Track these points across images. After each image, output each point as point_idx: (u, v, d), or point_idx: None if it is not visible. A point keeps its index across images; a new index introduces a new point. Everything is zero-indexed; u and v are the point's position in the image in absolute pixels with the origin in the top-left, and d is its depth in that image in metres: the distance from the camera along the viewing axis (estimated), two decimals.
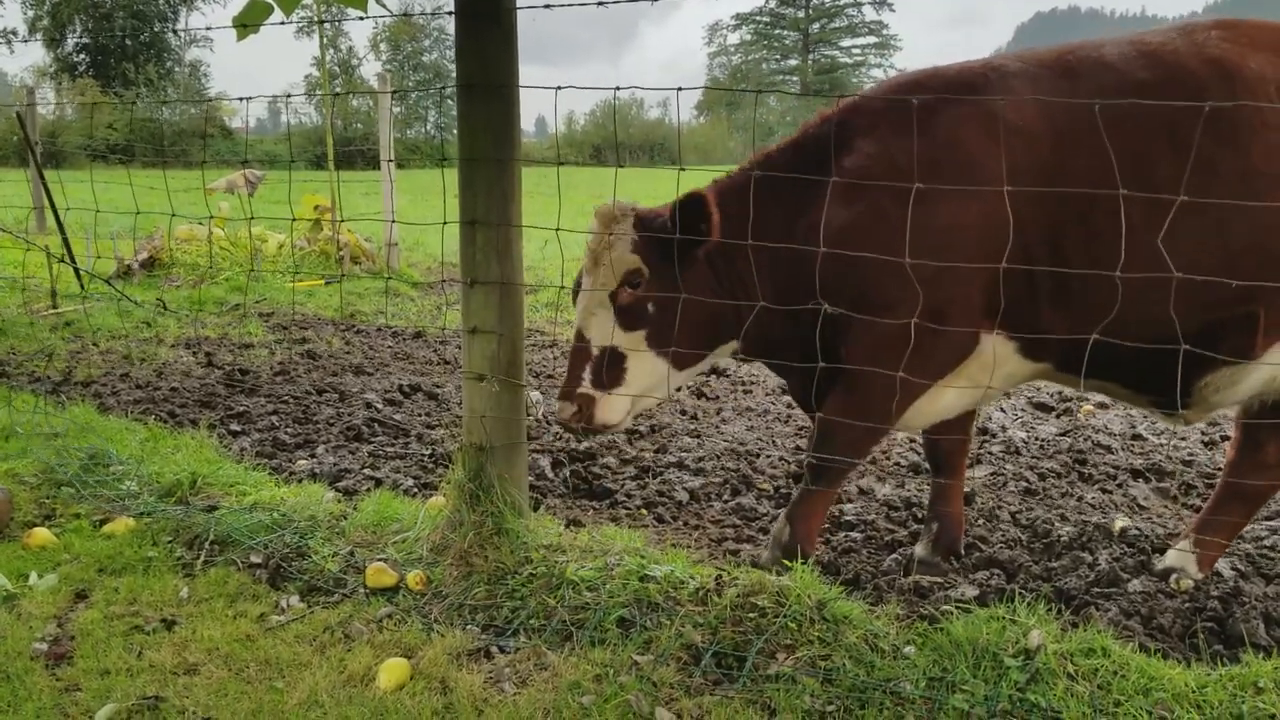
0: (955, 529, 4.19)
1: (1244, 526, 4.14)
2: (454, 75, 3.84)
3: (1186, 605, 3.73)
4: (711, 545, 4.45)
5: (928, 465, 4.47)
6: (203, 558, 4.04)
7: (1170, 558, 4.07)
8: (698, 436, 6.12)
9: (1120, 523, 4.59)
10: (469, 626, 3.50)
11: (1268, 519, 4.77)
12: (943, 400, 3.76)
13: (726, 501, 5.05)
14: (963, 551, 4.26)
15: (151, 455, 5.08)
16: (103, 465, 4.93)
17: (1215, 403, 3.67)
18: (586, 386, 3.75)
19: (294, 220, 6.39)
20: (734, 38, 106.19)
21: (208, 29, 6.48)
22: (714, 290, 3.79)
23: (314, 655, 3.33)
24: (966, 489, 5.04)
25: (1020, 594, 3.58)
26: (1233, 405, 3.76)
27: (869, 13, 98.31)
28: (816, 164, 3.64)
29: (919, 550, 4.18)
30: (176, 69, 72.34)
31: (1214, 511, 4.01)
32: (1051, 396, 7.07)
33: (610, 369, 3.76)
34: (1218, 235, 3.27)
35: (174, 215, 5.38)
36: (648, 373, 3.81)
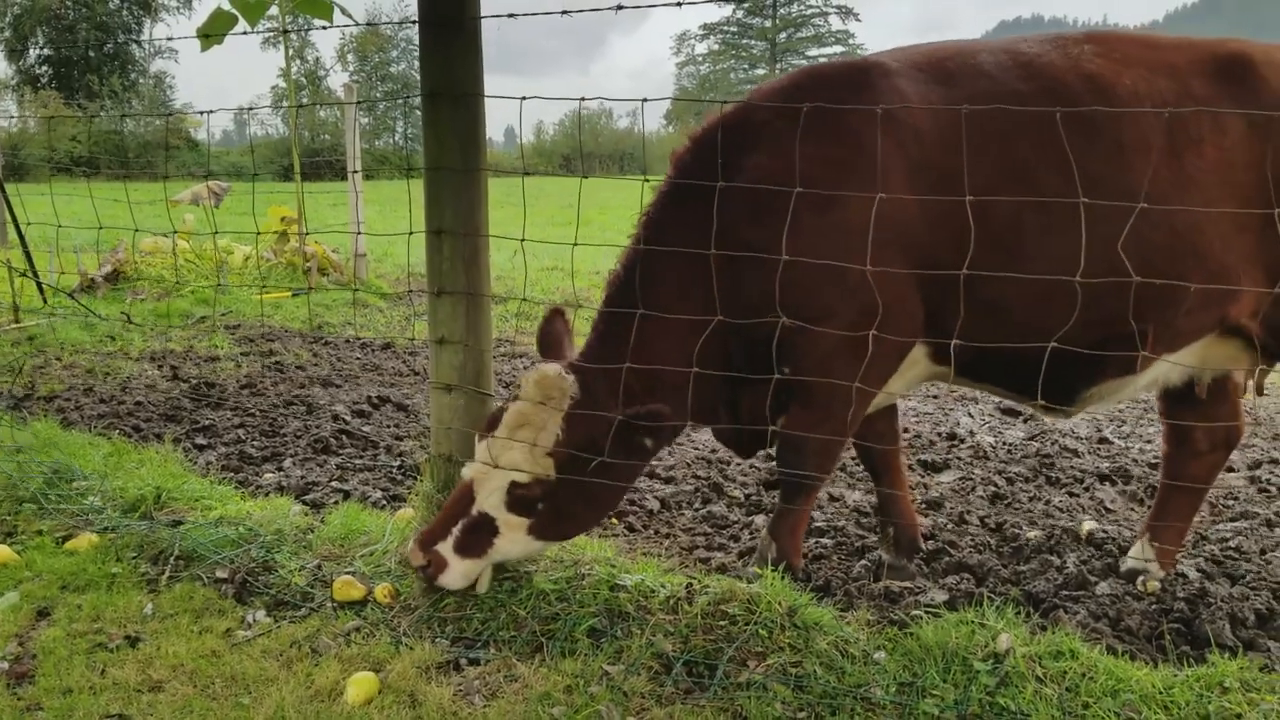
0: (910, 528, 4.21)
1: (1194, 517, 4.22)
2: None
3: (1154, 607, 3.77)
4: (682, 553, 4.44)
5: (867, 473, 4.49)
6: (167, 573, 3.99)
7: (1132, 559, 4.12)
8: None
9: (1087, 526, 4.63)
10: (438, 639, 3.47)
11: (1232, 520, 4.82)
12: None
13: (697, 510, 5.05)
14: (924, 546, 4.29)
15: (115, 470, 5.01)
16: (66, 481, 4.86)
17: (1098, 405, 3.84)
18: (447, 546, 3.45)
19: (260, 233, 6.35)
20: (702, 47, 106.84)
21: (169, 39, 6.44)
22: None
23: (281, 670, 3.29)
24: (935, 494, 5.08)
25: (989, 598, 3.60)
26: (1113, 405, 3.91)
27: (835, 22, 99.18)
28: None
29: (883, 555, 4.20)
30: (141, 81, 71.75)
31: (1162, 508, 4.10)
32: None
33: (478, 537, 3.48)
34: (1104, 254, 3.17)
35: (137, 230, 5.33)
36: (514, 552, 3.58)
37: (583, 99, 3.82)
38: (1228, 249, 3.43)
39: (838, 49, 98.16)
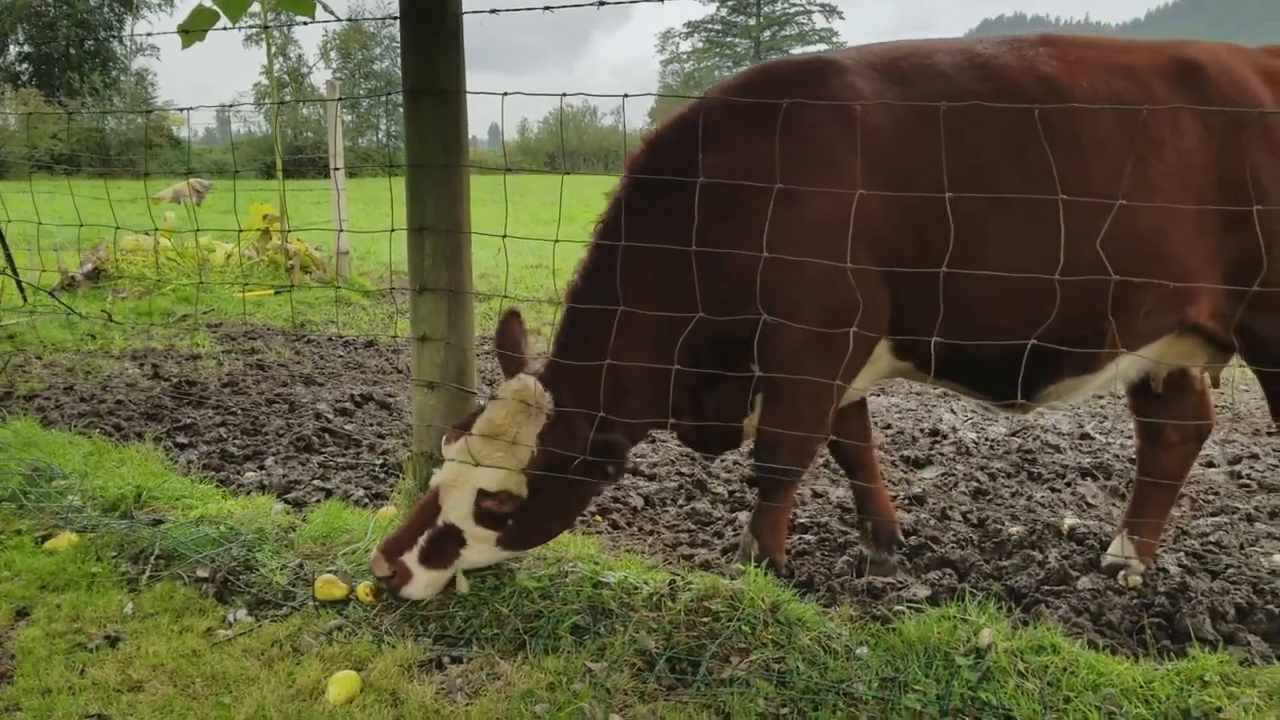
0: (887, 522, 4.24)
1: (1171, 510, 4.27)
2: None
3: (1135, 601, 3.78)
4: (666, 550, 4.44)
5: (841, 470, 4.52)
6: (148, 572, 3.96)
7: (1112, 554, 4.15)
8: (652, 441, 6.11)
9: (1069, 521, 4.65)
10: (420, 637, 3.45)
11: (1212, 515, 4.85)
12: None
13: (681, 506, 5.05)
14: (903, 540, 4.32)
15: (96, 469, 4.97)
16: (45, 480, 4.83)
17: (1056, 402, 3.90)
18: (411, 556, 3.47)
19: (242, 231, 6.32)
20: (686, 45, 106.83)
21: (150, 35, 6.37)
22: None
23: (262, 669, 3.27)
24: (918, 490, 5.09)
25: (971, 593, 3.61)
26: (1072, 401, 4.08)
27: (819, 20, 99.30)
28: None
29: (864, 550, 4.21)
30: (122, 78, 71.28)
31: (1140, 502, 4.14)
32: None
33: (444, 548, 3.50)
34: (1066, 252, 3.11)
35: (118, 228, 5.29)
36: (481, 561, 3.61)
37: (564, 95, 3.82)
38: (1189, 251, 3.45)
39: (821, 47, 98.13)
